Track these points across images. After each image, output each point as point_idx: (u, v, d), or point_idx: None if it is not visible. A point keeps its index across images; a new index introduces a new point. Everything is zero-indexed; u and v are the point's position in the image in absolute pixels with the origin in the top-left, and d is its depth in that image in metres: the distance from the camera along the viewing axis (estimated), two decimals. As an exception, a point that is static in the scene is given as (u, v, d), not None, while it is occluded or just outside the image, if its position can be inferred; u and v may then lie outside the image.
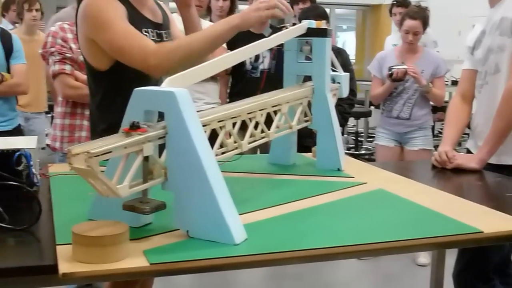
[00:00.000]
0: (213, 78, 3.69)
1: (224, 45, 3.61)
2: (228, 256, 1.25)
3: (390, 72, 3.96)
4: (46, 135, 3.86)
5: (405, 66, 3.92)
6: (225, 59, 1.64)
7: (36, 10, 4.90)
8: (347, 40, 17.59)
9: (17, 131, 3.59)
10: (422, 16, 3.99)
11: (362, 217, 1.59)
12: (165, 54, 1.87)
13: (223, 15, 4.28)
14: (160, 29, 2.17)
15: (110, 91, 2.11)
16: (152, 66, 1.88)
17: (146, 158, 1.31)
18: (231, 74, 3.95)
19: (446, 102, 4.61)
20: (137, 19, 2.06)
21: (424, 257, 3.96)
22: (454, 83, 6.05)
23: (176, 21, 2.32)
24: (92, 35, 2.01)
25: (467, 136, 2.79)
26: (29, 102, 4.75)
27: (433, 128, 5.07)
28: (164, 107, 1.33)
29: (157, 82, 2.05)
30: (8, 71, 3.53)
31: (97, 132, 2.10)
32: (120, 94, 2.03)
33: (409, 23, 3.98)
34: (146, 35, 2.06)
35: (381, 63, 4.16)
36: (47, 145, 3.72)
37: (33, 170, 1.70)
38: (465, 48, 2.57)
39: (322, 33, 2.06)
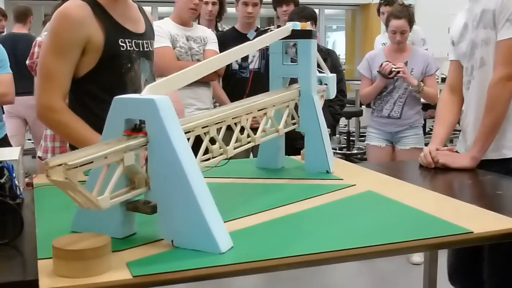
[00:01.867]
0: (205, 83, 3.65)
1: (216, 48, 3.60)
2: (213, 266, 1.23)
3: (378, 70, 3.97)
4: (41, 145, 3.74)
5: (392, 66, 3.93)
6: (208, 64, 1.61)
7: None
8: (337, 40, 17.62)
9: (4, 142, 3.55)
10: (407, 14, 3.98)
11: (350, 221, 1.56)
12: (50, 118, 2.05)
13: (212, 19, 4.27)
14: (140, 39, 2.19)
15: (85, 99, 2.11)
16: (38, 115, 2.06)
17: (127, 168, 1.29)
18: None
19: (438, 98, 4.60)
20: (114, 30, 2.09)
21: (418, 256, 3.94)
22: (445, 80, 6.03)
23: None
24: None
25: (458, 132, 2.75)
26: None
27: (424, 126, 5.06)
28: (144, 115, 1.30)
29: (136, 90, 2.04)
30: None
31: None
32: (96, 103, 2.02)
33: (395, 23, 3.97)
34: (123, 45, 2.10)
35: (370, 63, 4.15)
36: (39, 157, 3.68)
37: (16, 182, 1.66)
38: (449, 40, 2.54)
39: (307, 34, 2.04)
